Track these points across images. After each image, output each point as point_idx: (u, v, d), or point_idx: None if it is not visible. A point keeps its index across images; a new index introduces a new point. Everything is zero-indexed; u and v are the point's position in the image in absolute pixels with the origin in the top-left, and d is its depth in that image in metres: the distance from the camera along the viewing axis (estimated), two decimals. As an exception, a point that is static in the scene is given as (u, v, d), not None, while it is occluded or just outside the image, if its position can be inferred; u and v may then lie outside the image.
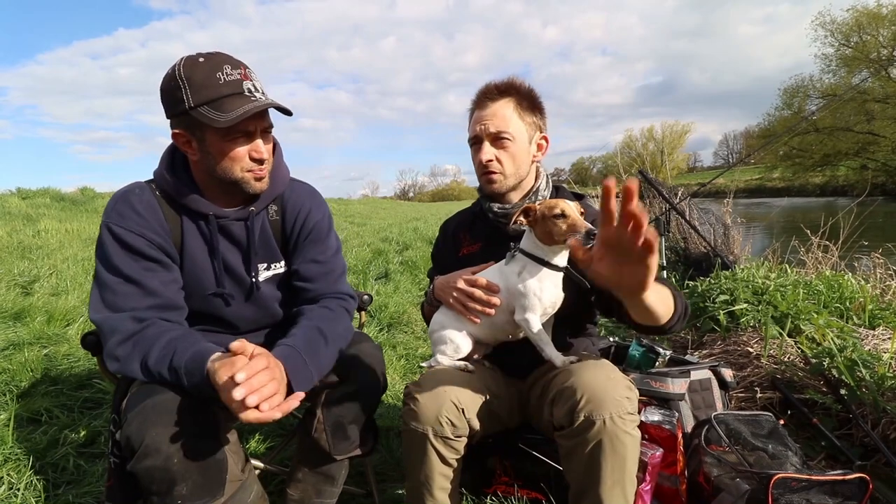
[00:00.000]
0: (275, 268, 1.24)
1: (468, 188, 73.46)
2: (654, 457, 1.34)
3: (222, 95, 1.00)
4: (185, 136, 1.06)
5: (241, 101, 1.02)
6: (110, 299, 1.04)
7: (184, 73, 1.00)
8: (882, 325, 2.50)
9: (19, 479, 1.52)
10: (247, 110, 1.00)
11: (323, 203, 1.31)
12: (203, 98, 1.00)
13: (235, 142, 1.06)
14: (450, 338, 1.25)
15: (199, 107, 1.00)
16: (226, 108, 1.00)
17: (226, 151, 1.06)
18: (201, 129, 1.04)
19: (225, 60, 1.03)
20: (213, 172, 1.09)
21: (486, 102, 1.29)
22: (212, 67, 1.01)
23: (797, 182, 29.58)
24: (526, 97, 1.30)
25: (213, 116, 0.99)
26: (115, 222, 1.06)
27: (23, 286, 3.76)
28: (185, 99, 1.00)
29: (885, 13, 23.97)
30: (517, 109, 1.28)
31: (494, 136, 1.27)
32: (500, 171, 1.29)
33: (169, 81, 1.02)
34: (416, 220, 12.81)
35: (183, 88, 1.00)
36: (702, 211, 5.15)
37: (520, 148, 1.29)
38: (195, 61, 1.01)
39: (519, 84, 1.31)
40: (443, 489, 1.15)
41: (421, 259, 5.76)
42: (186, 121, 1.03)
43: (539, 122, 1.33)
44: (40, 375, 2.21)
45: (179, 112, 1.02)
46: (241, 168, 1.08)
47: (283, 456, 1.57)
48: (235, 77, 1.03)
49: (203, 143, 1.06)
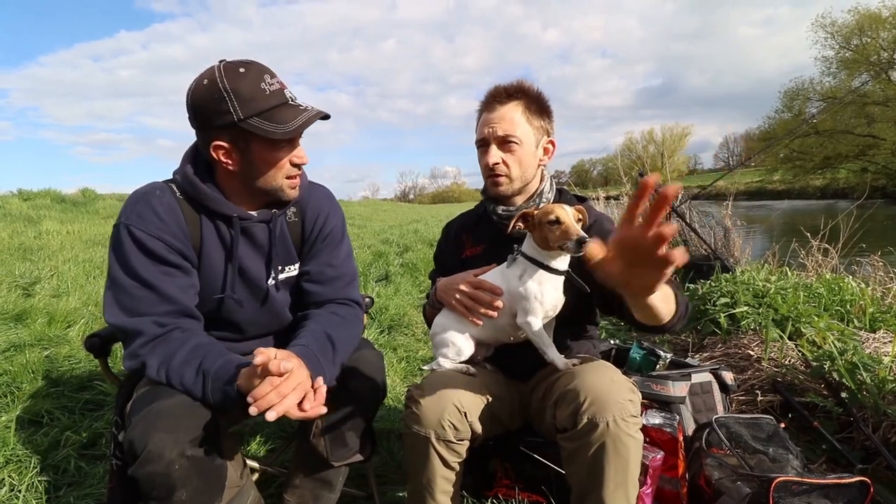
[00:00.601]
0: (289, 270, 1.24)
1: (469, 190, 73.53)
2: (655, 460, 1.34)
3: (272, 106, 1.02)
4: (228, 147, 1.05)
5: (291, 110, 1.04)
6: (127, 303, 1.03)
7: (229, 86, 0.99)
8: (883, 329, 2.50)
9: (21, 480, 1.52)
10: (305, 120, 1.03)
11: (339, 207, 1.32)
12: (253, 110, 1.00)
13: (281, 150, 1.07)
14: (452, 340, 1.25)
15: (248, 119, 1.00)
16: (277, 118, 1.02)
17: (271, 161, 1.07)
18: (246, 140, 1.04)
19: (263, 69, 1.04)
20: (252, 180, 1.09)
21: (494, 105, 1.30)
22: (255, 78, 1.02)
23: (798, 185, 29.58)
24: (535, 101, 1.30)
25: (268, 128, 1.00)
26: (135, 224, 1.04)
27: (24, 288, 3.76)
28: (232, 111, 0.99)
29: (885, 16, 24.02)
30: (525, 113, 1.28)
31: (502, 139, 1.27)
32: (506, 174, 1.29)
33: (210, 94, 1.00)
34: (417, 222, 12.82)
35: (229, 101, 0.99)
36: (702, 214, 5.16)
37: (527, 152, 1.29)
38: (236, 72, 1.01)
39: (528, 87, 1.31)
40: (445, 492, 1.15)
41: (421, 261, 5.76)
42: (232, 133, 1.03)
43: (547, 126, 1.33)
44: (41, 377, 2.21)
45: (225, 124, 1.01)
46: (282, 175, 1.10)
47: (283, 458, 1.58)
48: (277, 86, 1.04)
49: (247, 154, 1.06)
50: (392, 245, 7.47)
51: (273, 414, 0.89)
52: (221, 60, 1.04)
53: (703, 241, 4.35)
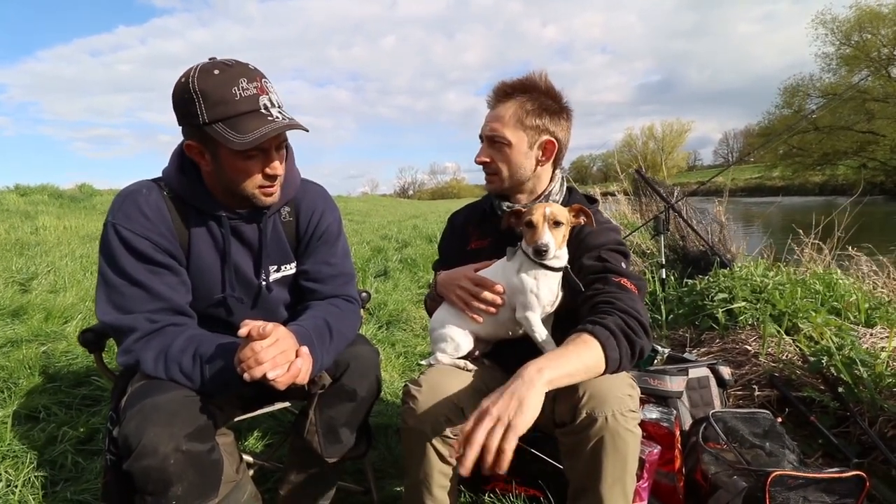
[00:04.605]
0: (285, 269, 1.23)
1: (468, 186, 73.41)
2: (652, 454, 1.34)
3: (239, 113, 0.97)
4: (198, 148, 1.03)
5: (258, 120, 0.98)
6: (118, 301, 1.03)
7: (198, 87, 0.96)
8: (880, 324, 2.50)
9: (17, 475, 1.52)
10: (263, 134, 0.97)
11: (335, 205, 1.31)
12: (218, 115, 0.96)
13: (251, 159, 1.03)
14: (451, 336, 1.25)
15: (213, 123, 0.97)
16: (241, 127, 0.97)
17: (239, 168, 1.04)
18: (214, 144, 1.01)
19: (241, 73, 0.99)
20: (224, 185, 1.08)
21: (495, 103, 1.29)
22: (227, 81, 0.97)
23: (797, 181, 29.64)
24: (536, 99, 1.26)
25: (228, 136, 0.96)
26: (122, 223, 1.04)
27: (21, 283, 3.75)
28: (199, 114, 0.97)
29: (885, 12, 23.96)
30: (519, 113, 1.25)
31: (491, 139, 1.28)
32: (495, 172, 1.30)
33: (182, 93, 0.98)
34: (416, 218, 12.80)
35: (197, 102, 0.96)
36: (698, 211, 5.17)
37: (516, 153, 1.27)
38: (209, 73, 0.97)
39: (533, 85, 1.27)
40: (442, 487, 1.15)
41: (420, 257, 5.76)
42: (200, 134, 1.00)
43: (547, 126, 1.28)
44: (38, 373, 2.21)
45: (193, 125, 0.99)
46: (252, 184, 1.06)
47: (280, 453, 1.58)
48: (251, 92, 0.99)
49: (216, 157, 1.03)
50: (391, 241, 7.46)
51: (247, 376, 0.91)
52: (211, 58, 1.01)
53: (701, 237, 4.36)
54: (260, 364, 0.91)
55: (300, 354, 0.98)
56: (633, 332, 1.02)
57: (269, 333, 0.93)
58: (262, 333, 0.92)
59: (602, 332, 1.00)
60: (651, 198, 6.31)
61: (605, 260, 1.17)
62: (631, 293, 1.10)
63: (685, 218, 4.48)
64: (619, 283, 1.11)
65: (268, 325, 0.93)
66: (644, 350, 1.05)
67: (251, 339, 0.92)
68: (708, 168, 70.54)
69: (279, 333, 0.96)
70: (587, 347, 0.98)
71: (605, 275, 1.14)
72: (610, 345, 0.99)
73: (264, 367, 0.91)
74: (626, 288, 1.11)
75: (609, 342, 0.99)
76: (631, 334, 1.02)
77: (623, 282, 1.12)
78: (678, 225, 4.62)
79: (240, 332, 0.93)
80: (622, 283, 1.11)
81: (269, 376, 0.91)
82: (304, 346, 1.00)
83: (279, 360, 0.94)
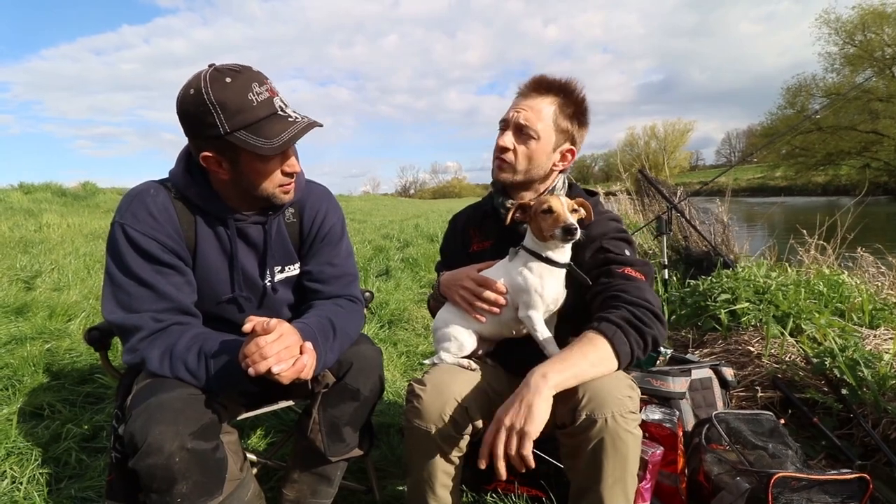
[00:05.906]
0: (289, 270, 1.24)
1: (469, 185, 73.40)
2: (655, 455, 1.34)
3: (259, 118, 0.98)
4: (215, 158, 1.03)
5: (280, 123, 1.00)
6: (125, 300, 1.04)
7: (214, 98, 0.95)
8: (883, 325, 2.50)
9: (22, 472, 1.53)
10: (293, 136, 0.99)
11: (338, 206, 1.31)
12: (240, 123, 0.97)
13: (271, 162, 1.05)
14: (454, 335, 1.25)
15: (235, 132, 0.97)
16: (265, 132, 0.98)
17: (261, 171, 1.05)
18: (235, 152, 1.01)
19: (251, 77, 1.00)
20: (244, 189, 1.08)
21: (529, 92, 1.27)
22: (242, 88, 0.97)
23: (800, 181, 29.50)
24: (573, 104, 1.27)
25: (254, 143, 0.97)
26: (129, 223, 1.05)
27: (25, 281, 3.77)
28: (218, 124, 0.97)
29: (889, 12, 23.83)
30: (556, 112, 1.25)
31: (520, 127, 1.25)
32: (511, 161, 1.27)
33: (197, 106, 0.97)
34: (418, 217, 12.81)
35: (215, 113, 0.96)
36: (701, 211, 5.15)
37: (541, 149, 1.26)
38: (222, 82, 0.96)
39: (572, 88, 1.27)
40: (444, 486, 1.15)
41: (422, 256, 5.76)
42: (219, 144, 1.00)
43: (574, 132, 1.28)
44: (43, 370, 2.22)
45: (212, 136, 0.99)
46: (272, 184, 1.08)
47: (283, 452, 1.58)
48: (265, 96, 1.00)
49: (236, 164, 1.04)
50: (392, 240, 7.47)
51: (252, 371, 0.91)
52: (211, 65, 1.00)
53: (704, 237, 4.35)
54: (265, 359, 0.92)
55: (304, 350, 0.99)
56: (642, 322, 1.03)
57: (274, 329, 0.94)
58: (266, 329, 0.92)
59: (608, 327, 1.01)
60: (653, 198, 6.31)
61: (608, 250, 1.17)
62: (637, 282, 1.11)
63: (688, 218, 4.48)
64: (624, 273, 1.12)
65: (272, 320, 0.94)
66: (658, 338, 1.06)
67: (255, 334, 0.93)
68: (710, 168, 70.29)
69: (283, 329, 0.96)
70: (592, 345, 1.00)
71: (609, 267, 1.14)
72: (618, 339, 1.00)
73: (269, 361, 0.92)
74: (631, 277, 1.11)
75: (617, 337, 1.00)
76: (640, 325, 1.03)
77: (628, 271, 1.12)
78: (681, 225, 4.62)
79: (244, 327, 0.93)
80: (627, 273, 1.12)
81: (274, 370, 0.92)
82: (308, 342, 1.01)
83: (284, 355, 0.94)
